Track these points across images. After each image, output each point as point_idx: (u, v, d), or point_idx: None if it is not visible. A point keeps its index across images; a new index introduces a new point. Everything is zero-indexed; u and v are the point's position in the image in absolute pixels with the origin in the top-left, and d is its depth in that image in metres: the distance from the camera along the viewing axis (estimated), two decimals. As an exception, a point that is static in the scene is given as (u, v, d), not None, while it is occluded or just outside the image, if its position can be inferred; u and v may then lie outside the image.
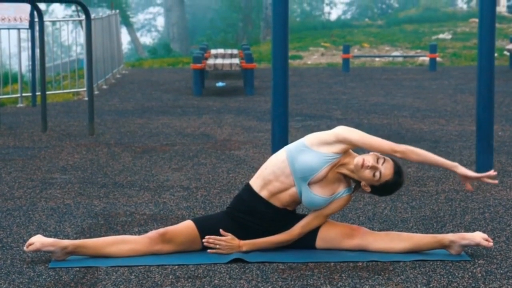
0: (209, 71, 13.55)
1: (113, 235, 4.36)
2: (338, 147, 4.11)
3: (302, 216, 4.25)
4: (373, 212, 5.12)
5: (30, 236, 4.40)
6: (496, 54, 15.16)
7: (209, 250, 4.13)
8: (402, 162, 4.26)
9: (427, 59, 18.30)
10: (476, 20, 27.89)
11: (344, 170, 4.14)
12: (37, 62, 10.52)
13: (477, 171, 6.36)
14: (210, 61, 13.48)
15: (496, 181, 4.17)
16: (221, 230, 4.15)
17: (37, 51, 10.01)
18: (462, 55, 21.04)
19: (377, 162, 4.07)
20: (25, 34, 11.85)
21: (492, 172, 4.14)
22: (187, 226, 4.18)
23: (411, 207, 5.25)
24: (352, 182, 4.22)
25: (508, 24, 27.96)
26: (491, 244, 4.09)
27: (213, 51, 16.25)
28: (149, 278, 3.79)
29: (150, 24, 59.62)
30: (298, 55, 21.39)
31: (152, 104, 11.30)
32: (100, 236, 4.46)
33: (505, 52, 19.35)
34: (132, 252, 4.08)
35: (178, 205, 5.31)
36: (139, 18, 57.08)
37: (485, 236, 4.11)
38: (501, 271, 3.90)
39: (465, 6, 39.79)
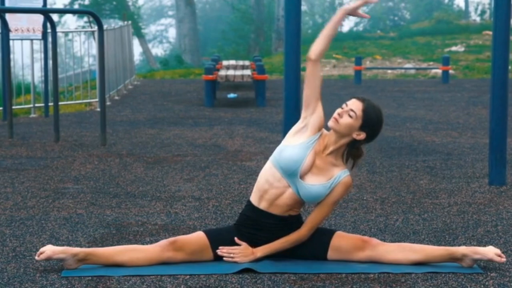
0: (221, 82, 13.58)
1: (125, 245, 4.37)
2: (310, 129, 4.13)
3: None
4: (385, 224, 5.11)
5: (43, 245, 4.41)
6: (510, 67, 15.16)
7: (224, 258, 4.14)
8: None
9: (439, 71, 18.28)
10: (489, 32, 27.82)
11: (330, 148, 4.13)
12: (50, 72, 10.57)
13: (490, 184, 6.35)
14: (222, 73, 13.51)
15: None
16: (235, 238, 4.16)
17: (50, 62, 10.05)
18: (475, 67, 21.01)
19: (342, 108, 4.11)
20: (38, 45, 11.90)
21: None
22: (197, 235, 4.19)
23: (423, 219, 5.24)
24: (350, 161, 4.19)
25: (521, 37, 27.89)
26: (504, 260, 4.06)
27: (224, 63, 16.28)
28: (160, 288, 3.80)
29: (162, 35, 59.86)
30: (310, 67, 21.37)
31: (164, 115, 11.33)
32: (112, 245, 4.47)
33: (518, 65, 19.30)
34: (143, 260, 4.08)
35: (190, 216, 5.32)
36: (151, 29, 57.32)
37: (498, 251, 4.08)
38: (514, 284, 3.88)
39: (478, 19, 39.75)
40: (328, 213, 4.18)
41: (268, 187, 4.16)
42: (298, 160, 4.09)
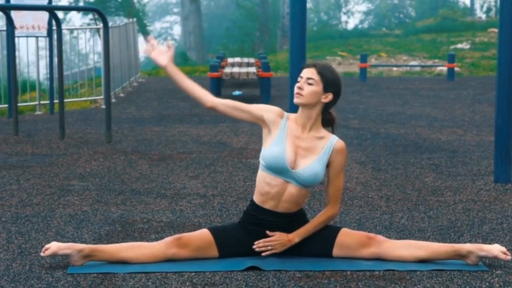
0: (226, 79, 13.58)
1: (130, 242, 4.37)
2: (271, 125, 4.24)
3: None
4: (390, 221, 5.11)
5: (48, 242, 4.41)
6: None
7: (263, 254, 4.15)
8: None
9: (445, 68, 18.26)
10: (495, 30, 27.80)
11: (307, 125, 4.18)
12: (55, 70, 10.58)
13: (495, 181, 6.34)
14: (227, 70, 13.51)
15: None
16: (267, 232, 4.16)
17: (55, 59, 10.06)
18: (481, 65, 20.98)
19: (298, 81, 4.17)
20: (43, 42, 11.92)
21: None
22: (202, 232, 4.20)
23: (428, 217, 5.23)
24: (327, 129, 4.22)
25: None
26: (509, 257, 4.06)
27: (230, 60, 16.29)
28: (166, 285, 3.80)
29: (167, 32, 59.82)
30: (315, 64, 21.35)
31: (169, 112, 11.33)
32: (117, 243, 4.47)
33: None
34: (148, 257, 4.08)
35: (195, 213, 5.32)
36: (156, 26, 57.29)
37: (504, 249, 4.08)
38: (519, 282, 3.88)
39: (484, 16, 39.65)
40: (341, 182, 4.22)
41: (268, 189, 4.17)
42: (280, 155, 4.13)
